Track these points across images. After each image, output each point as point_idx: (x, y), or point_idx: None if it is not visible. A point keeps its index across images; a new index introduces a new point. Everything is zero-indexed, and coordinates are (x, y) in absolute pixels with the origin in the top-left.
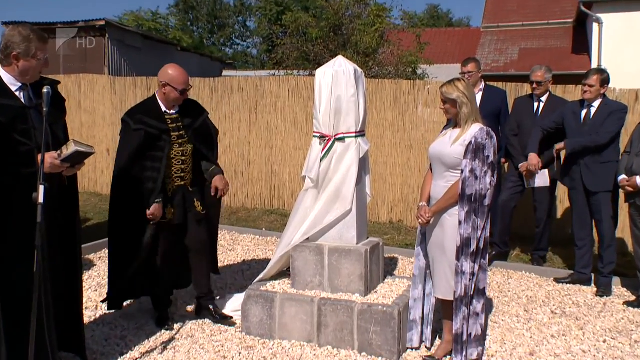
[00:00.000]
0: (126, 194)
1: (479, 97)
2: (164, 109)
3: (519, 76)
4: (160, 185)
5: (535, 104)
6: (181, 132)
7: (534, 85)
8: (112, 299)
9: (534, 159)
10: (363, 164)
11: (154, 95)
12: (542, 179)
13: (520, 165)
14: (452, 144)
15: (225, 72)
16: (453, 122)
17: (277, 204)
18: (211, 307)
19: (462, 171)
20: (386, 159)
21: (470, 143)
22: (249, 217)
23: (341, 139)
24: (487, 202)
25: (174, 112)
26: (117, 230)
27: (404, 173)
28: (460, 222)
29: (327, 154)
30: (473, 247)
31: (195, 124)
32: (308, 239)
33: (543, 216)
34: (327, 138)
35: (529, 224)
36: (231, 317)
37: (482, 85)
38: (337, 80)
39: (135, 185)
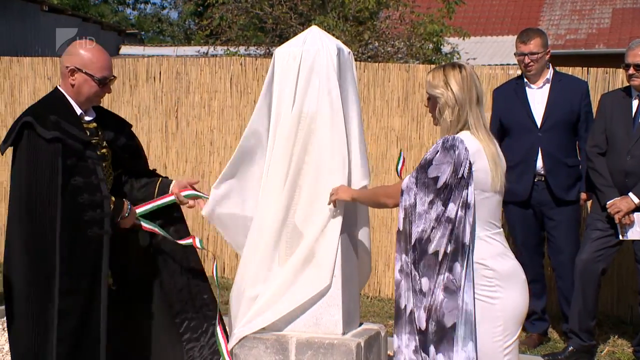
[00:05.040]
0: (52, 262)
1: (544, 92)
2: (78, 110)
3: (612, 55)
4: (109, 227)
5: (635, 104)
6: (103, 151)
7: (631, 71)
8: None
9: (621, 204)
10: (354, 204)
11: (56, 90)
12: None
13: (608, 203)
14: None
15: (124, 49)
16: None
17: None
18: None
19: (402, 192)
20: None
21: None
22: None
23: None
24: (431, 248)
25: (91, 118)
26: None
27: None
28: (396, 276)
29: None
30: (420, 324)
31: (119, 140)
32: (264, 327)
33: None
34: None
35: (629, 299)
36: None
37: (549, 73)
38: (307, 68)
39: (71, 238)
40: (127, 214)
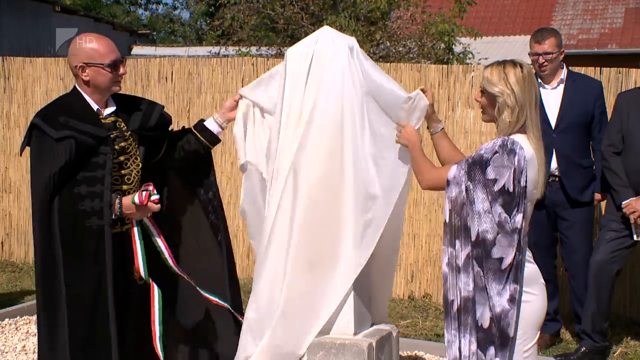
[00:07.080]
0: (53, 247)
1: (558, 93)
2: (95, 107)
3: (624, 55)
4: (109, 216)
5: None
6: (123, 145)
7: None
8: None
9: (637, 204)
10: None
11: (74, 89)
12: None
13: (624, 203)
14: None
15: (136, 49)
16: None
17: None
18: None
19: (448, 183)
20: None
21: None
22: None
23: None
24: (496, 254)
25: (110, 112)
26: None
27: (431, 217)
28: (458, 270)
29: None
30: (483, 322)
31: (150, 121)
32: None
33: None
34: None
35: None
36: None
37: (563, 73)
38: (318, 67)
39: (69, 229)
40: (118, 210)
